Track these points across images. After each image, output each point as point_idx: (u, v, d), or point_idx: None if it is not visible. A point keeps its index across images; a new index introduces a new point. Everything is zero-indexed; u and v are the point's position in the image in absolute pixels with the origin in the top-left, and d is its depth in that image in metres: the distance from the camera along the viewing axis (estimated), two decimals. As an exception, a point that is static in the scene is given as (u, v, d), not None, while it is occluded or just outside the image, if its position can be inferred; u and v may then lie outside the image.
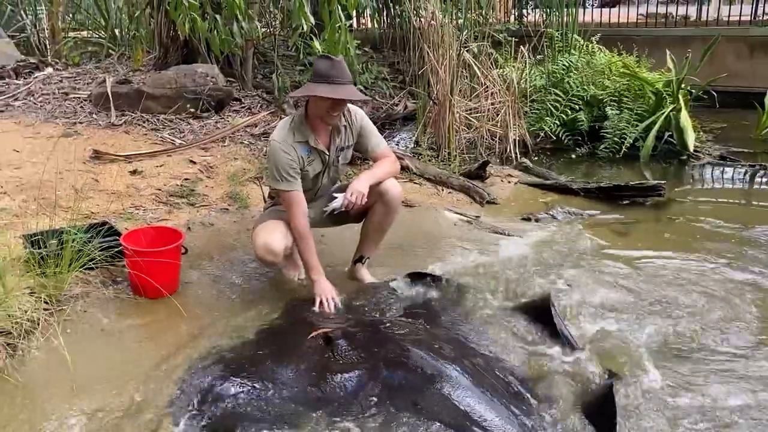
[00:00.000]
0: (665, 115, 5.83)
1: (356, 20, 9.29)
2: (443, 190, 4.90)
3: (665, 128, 5.91)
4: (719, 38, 6.34)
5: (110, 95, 5.67)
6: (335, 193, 3.19)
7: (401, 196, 3.28)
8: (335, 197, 3.10)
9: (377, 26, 8.32)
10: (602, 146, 5.99)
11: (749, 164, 5.65)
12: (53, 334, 2.61)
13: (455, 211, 4.49)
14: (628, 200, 4.75)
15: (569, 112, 6.15)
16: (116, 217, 3.67)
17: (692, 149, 5.77)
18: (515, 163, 5.65)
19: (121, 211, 3.79)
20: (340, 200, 3.04)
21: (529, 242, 3.98)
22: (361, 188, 2.99)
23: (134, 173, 4.36)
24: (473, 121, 5.90)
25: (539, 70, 6.62)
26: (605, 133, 6.01)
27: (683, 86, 5.99)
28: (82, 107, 5.81)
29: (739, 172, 5.55)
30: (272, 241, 3.01)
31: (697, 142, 5.89)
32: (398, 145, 5.93)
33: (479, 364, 2.57)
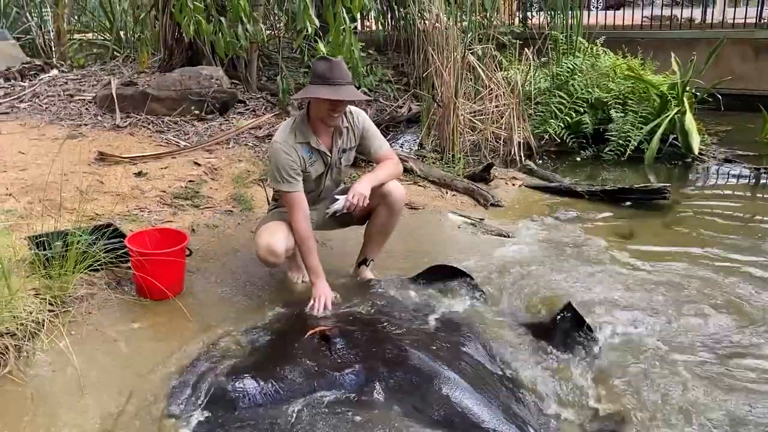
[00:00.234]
0: (670, 117, 5.82)
1: (361, 22, 9.31)
2: (447, 192, 4.90)
3: (670, 131, 5.89)
4: (724, 41, 6.33)
5: (115, 97, 5.69)
6: (337, 195, 3.19)
7: (404, 198, 3.27)
8: (337, 199, 3.11)
9: (382, 28, 8.32)
10: (607, 149, 5.97)
11: (754, 167, 5.63)
12: (58, 335, 2.61)
13: (459, 213, 4.49)
14: (631, 202, 4.73)
15: (574, 114, 6.13)
16: (121, 218, 3.69)
17: (697, 152, 5.75)
18: (519, 165, 5.63)
19: (125, 212, 3.80)
20: (341, 202, 3.04)
21: (533, 244, 3.97)
22: (362, 190, 2.99)
23: (139, 175, 4.37)
24: (477, 123, 5.90)
25: (543, 72, 6.61)
26: (610, 135, 6.00)
27: (688, 89, 5.97)
28: (87, 109, 5.84)
29: (744, 174, 5.54)
30: (274, 242, 3.01)
31: (701, 144, 5.87)
32: (402, 147, 5.93)
33: (479, 364, 2.57)
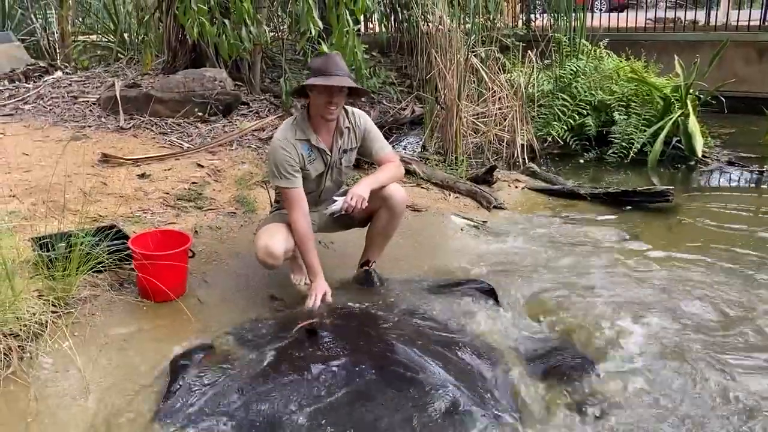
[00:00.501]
0: (673, 120, 5.81)
1: (364, 24, 9.33)
2: (450, 194, 4.90)
3: (673, 133, 5.89)
4: (728, 43, 6.33)
5: (119, 99, 5.71)
6: (337, 197, 3.19)
7: (406, 200, 3.27)
8: (336, 201, 3.10)
9: (385, 30, 8.34)
10: (610, 151, 5.97)
11: (758, 169, 5.62)
12: (61, 336, 2.62)
13: (462, 216, 4.49)
14: (633, 206, 4.72)
15: (577, 117, 6.13)
16: (124, 220, 3.69)
17: (700, 154, 5.75)
18: (522, 168, 5.63)
19: (129, 214, 3.80)
20: (339, 203, 3.03)
21: (535, 246, 3.97)
22: (361, 192, 2.98)
23: (142, 177, 4.38)
24: (480, 125, 5.90)
25: (547, 74, 6.61)
26: (613, 138, 6.00)
27: (691, 91, 5.97)
28: (91, 111, 5.85)
29: (747, 177, 5.53)
30: (272, 244, 3.00)
31: (705, 147, 5.87)
32: (405, 149, 5.94)
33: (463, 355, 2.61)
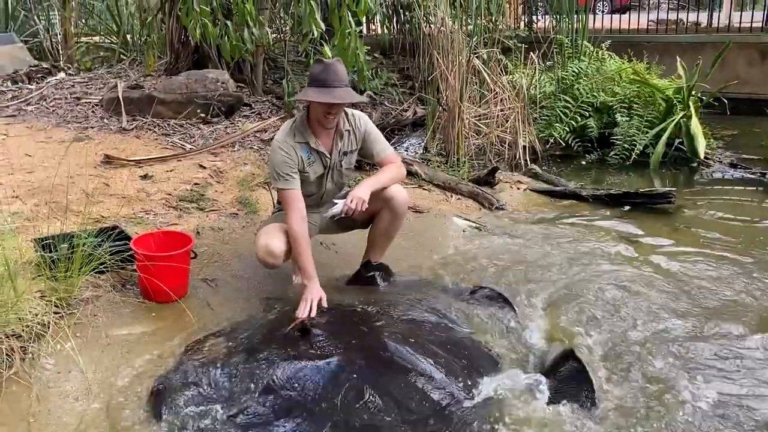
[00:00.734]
0: (676, 121, 5.81)
1: (366, 26, 9.33)
2: (452, 196, 4.90)
3: (675, 135, 5.88)
4: (730, 45, 6.32)
5: (121, 100, 5.72)
6: (337, 199, 3.19)
7: (408, 202, 3.27)
8: (336, 203, 3.11)
9: (387, 32, 8.34)
10: (612, 153, 5.97)
11: (760, 171, 5.61)
12: (63, 337, 2.62)
13: (464, 217, 4.49)
14: (635, 207, 4.71)
15: (579, 118, 6.13)
16: (126, 221, 3.70)
17: (703, 156, 5.74)
18: (524, 169, 5.63)
19: (131, 215, 3.81)
20: (339, 206, 3.03)
21: (536, 247, 3.97)
22: (361, 194, 2.98)
23: (145, 178, 4.39)
24: (482, 127, 5.90)
25: (549, 76, 6.61)
26: (615, 139, 6.00)
27: (694, 93, 5.96)
28: (93, 112, 5.86)
29: (750, 179, 5.51)
30: (272, 243, 3.01)
31: (707, 149, 5.86)
32: (407, 150, 5.94)
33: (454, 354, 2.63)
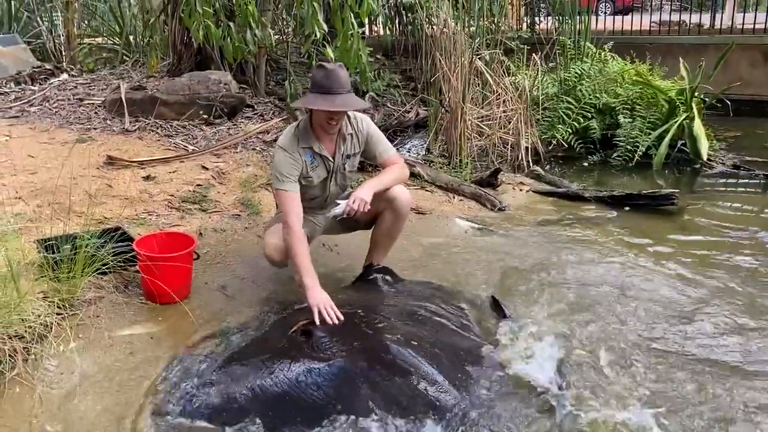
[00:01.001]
0: (678, 123, 5.80)
1: (368, 28, 9.34)
2: (455, 197, 4.90)
3: (678, 136, 5.87)
4: (733, 46, 6.31)
5: (124, 101, 5.73)
6: (340, 199, 3.19)
7: (410, 202, 3.27)
8: (339, 204, 3.11)
9: (389, 33, 8.34)
10: (614, 154, 5.96)
11: (763, 173, 5.60)
12: (66, 338, 2.63)
13: (467, 218, 4.49)
14: (638, 209, 4.70)
15: (581, 120, 6.12)
16: (129, 222, 3.70)
17: (705, 158, 5.73)
18: (527, 170, 5.62)
19: (134, 216, 3.82)
20: (342, 207, 3.03)
21: (538, 248, 3.96)
22: (363, 195, 2.98)
23: (147, 179, 4.39)
24: (485, 128, 5.90)
25: (551, 77, 6.61)
26: (618, 141, 5.99)
27: (696, 94, 5.95)
28: (96, 113, 5.88)
29: (752, 180, 5.50)
30: (280, 241, 3.02)
31: (710, 150, 5.85)
32: (410, 152, 5.94)
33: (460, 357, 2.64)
